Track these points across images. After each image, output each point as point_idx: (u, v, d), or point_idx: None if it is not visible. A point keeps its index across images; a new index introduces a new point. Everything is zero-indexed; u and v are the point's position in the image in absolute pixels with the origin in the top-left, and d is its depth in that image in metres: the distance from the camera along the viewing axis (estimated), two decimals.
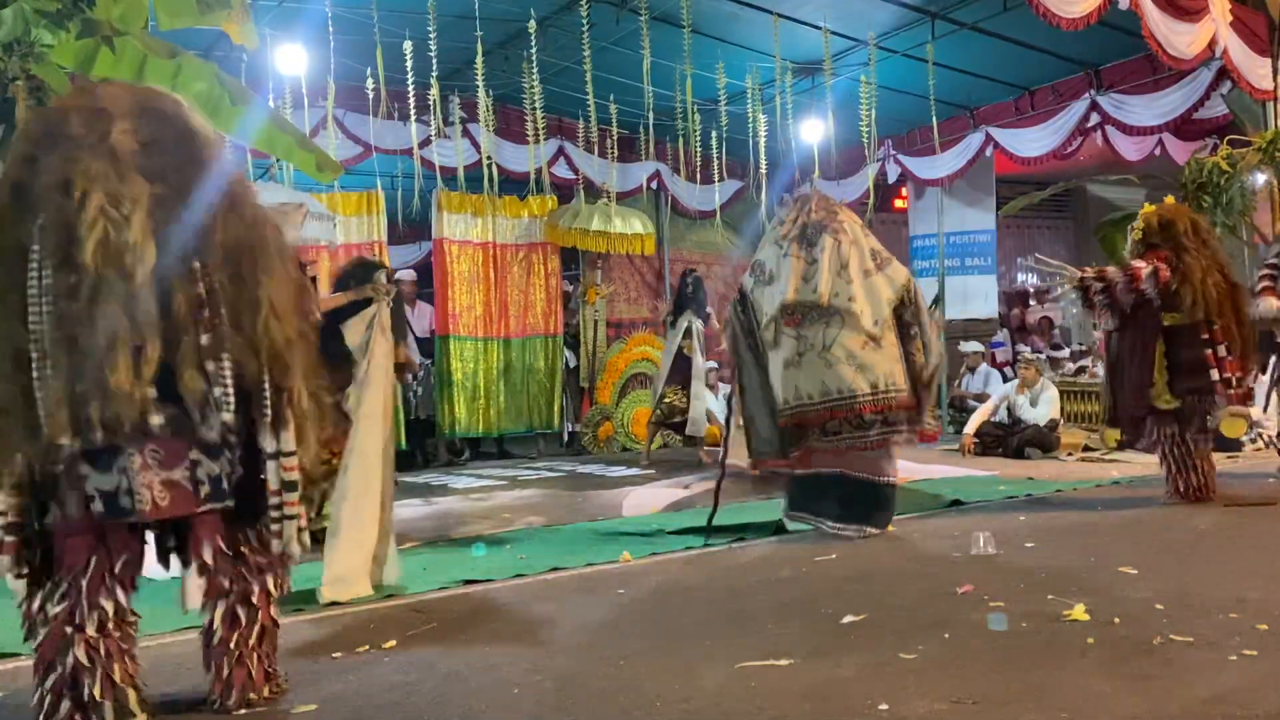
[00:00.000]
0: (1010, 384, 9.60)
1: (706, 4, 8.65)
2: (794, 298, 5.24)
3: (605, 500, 7.31)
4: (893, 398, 5.18)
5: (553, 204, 10.89)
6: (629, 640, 3.51)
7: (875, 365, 5.17)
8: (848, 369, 5.15)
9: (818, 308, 5.21)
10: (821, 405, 5.22)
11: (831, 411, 5.20)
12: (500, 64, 9.00)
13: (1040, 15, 7.35)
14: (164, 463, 2.64)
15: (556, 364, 10.97)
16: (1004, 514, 5.95)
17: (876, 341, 5.19)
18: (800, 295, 5.24)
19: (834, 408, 5.19)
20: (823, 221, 5.40)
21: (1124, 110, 9.66)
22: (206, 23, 4.93)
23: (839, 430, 5.23)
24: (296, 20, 7.90)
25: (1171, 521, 5.47)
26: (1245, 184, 8.60)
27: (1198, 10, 8.03)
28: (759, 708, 2.76)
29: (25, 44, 3.95)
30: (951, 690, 2.82)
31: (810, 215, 5.45)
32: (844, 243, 5.34)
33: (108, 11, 4.33)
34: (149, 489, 2.61)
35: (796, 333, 5.26)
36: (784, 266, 5.34)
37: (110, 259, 2.49)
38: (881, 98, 9.13)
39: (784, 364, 5.30)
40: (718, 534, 5.43)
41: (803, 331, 5.25)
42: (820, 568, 4.64)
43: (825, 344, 5.19)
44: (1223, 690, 2.74)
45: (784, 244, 5.42)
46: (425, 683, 3.10)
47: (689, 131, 9.38)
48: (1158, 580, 4.05)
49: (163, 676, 3.25)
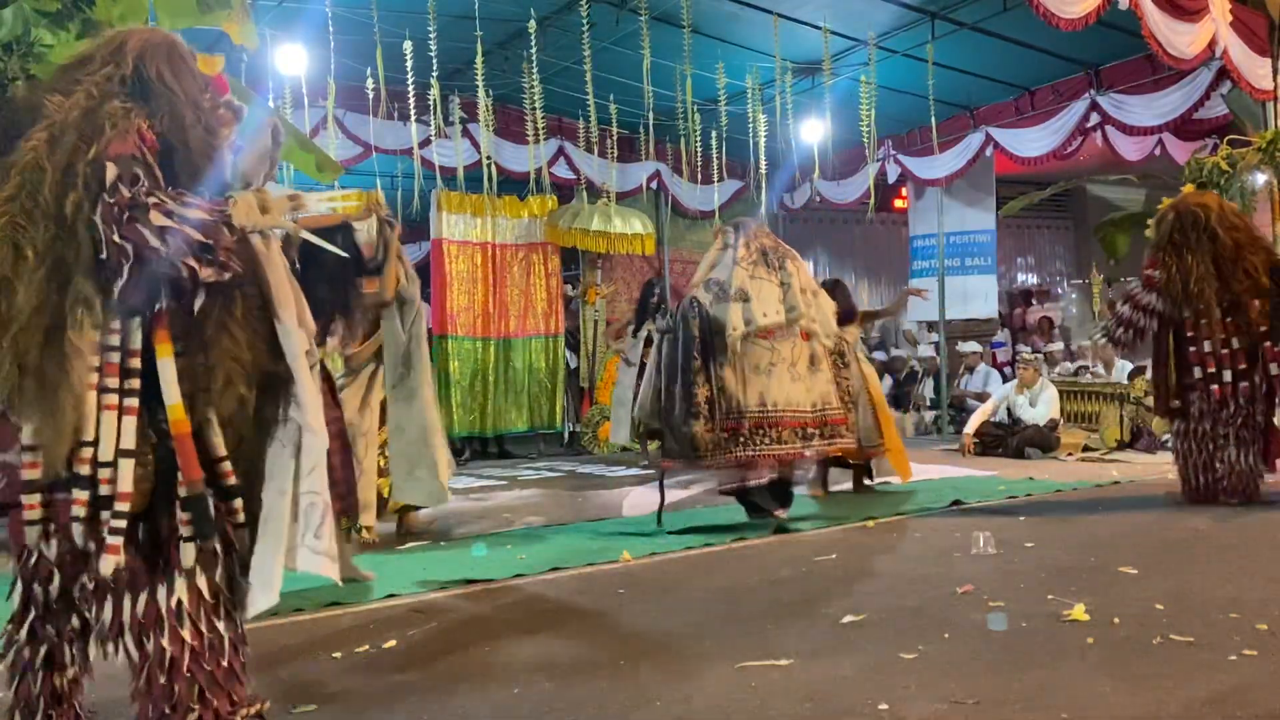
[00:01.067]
0: (1010, 384, 9.60)
1: (706, 4, 8.65)
2: (777, 318, 5.72)
3: (605, 500, 7.32)
4: (832, 414, 5.86)
5: (553, 204, 10.89)
6: (629, 640, 3.51)
7: (815, 386, 5.82)
8: (804, 384, 5.75)
9: (793, 325, 5.77)
10: (786, 413, 5.67)
11: (792, 420, 5.69)
12: (500, 64, 9.00)
13: (1040, 15, 7.34)
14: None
15: (557, 364, 10.96)
16: (1004, 514, 5.95)
17: (819, 362, 5.89)
18: (780, 315, 5.74)
19: (794, 418, 5.70)
20: (777, 248, 5.99)
21: (1124, 110, 9.65)
22: (206, 23, 4.92)
23: (785, 439, 5.67)
24: (296, 20, 7.90)
25: (1171, 521, 5.47)
26: (1245, 184, 8.59)
27: (1198, 10, 8.03)
28: (759, 708, 2.76)
29: (25, 44, 3.94)
30: (951, 690, 2.82)
31: (761, 241, 5.97)
32: (801, 269, 6.04)
33: (108, 11, 4.32)
34: None
35: (771, 345, 5.69)
36: (760, 289, 5.75)
37: None
38: (881, 98, 9.12)
39: (754, 370, 5.64)
40: (715, 534, 5.45)
41: (776, 344, 5.70)
42: (820, 568, 4.64)
43: (793, 359, 5.75)
44: (1223, 690, 2.74)
45: (749, 267, 5.81)
46: (425, 683, 3.10)
47: (689, 131, 9.37)
48: (1158, 580, 4.05)
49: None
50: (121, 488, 2.31)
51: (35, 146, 2.32)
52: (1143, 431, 8.88)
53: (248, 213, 2.37)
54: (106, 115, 2.37)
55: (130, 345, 2.34)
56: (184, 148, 2.43)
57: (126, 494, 2.32)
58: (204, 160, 2.43)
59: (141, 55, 2.50)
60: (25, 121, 2.42)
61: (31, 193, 2.28)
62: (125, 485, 2.32)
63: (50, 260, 2.26)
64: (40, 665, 2.54)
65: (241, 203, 2.37)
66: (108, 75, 2.46)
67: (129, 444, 2.32)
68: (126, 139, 2.36)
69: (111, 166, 2.29)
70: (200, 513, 2.38)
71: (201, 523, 2.38)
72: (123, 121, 2.37)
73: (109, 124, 2.36)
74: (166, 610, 2.39)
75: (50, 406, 2.23)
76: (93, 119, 2.36)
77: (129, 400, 2.33)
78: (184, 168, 2.40)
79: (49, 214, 2.27)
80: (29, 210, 2.27)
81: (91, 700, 2.64)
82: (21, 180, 2.29)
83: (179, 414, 2.34)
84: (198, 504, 2.37)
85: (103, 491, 2.31)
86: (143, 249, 2.22)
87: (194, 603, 2.40)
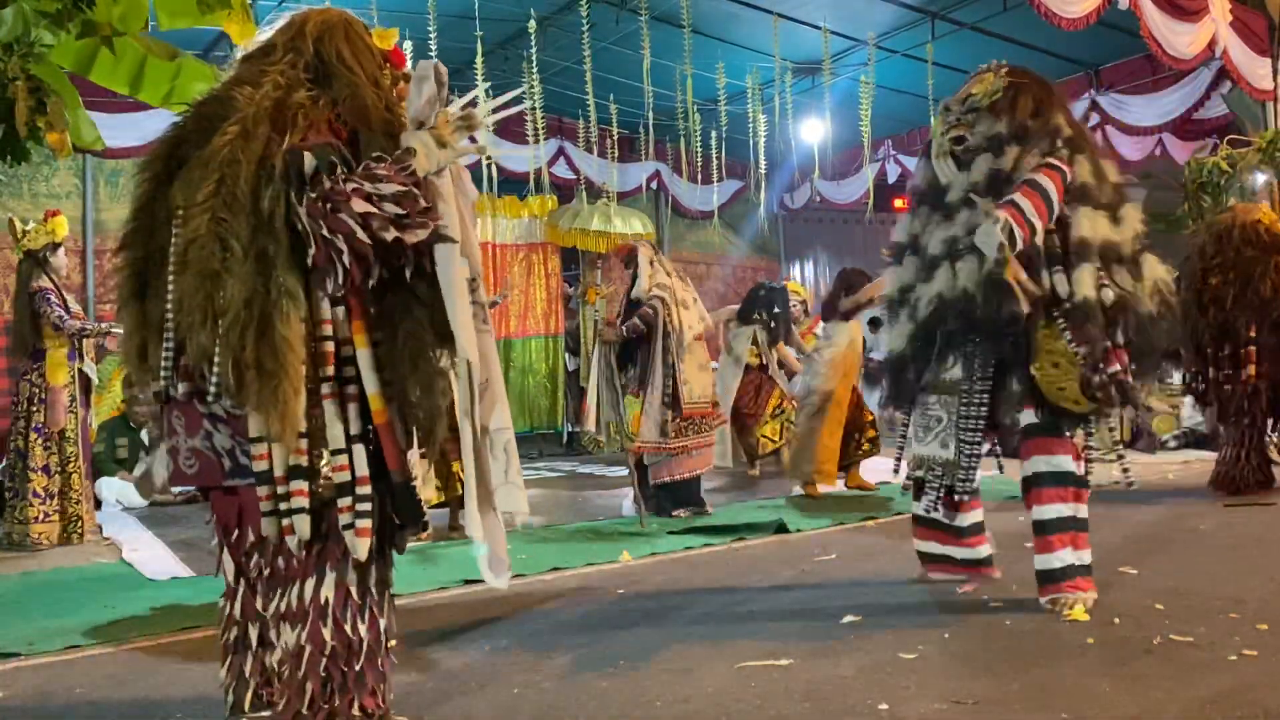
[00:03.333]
0: None
1: (706, 4, 8.65)
2: (706, 322, 6.64)
3: (605, 500, 7.31)
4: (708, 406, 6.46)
5: (553, 204, 10.89)
6: (629, 640, 3.50)
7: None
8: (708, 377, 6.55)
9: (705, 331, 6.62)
10: (709, 404, 6.40)
11: (713, 410, 6.46)
12: (500, 64, 9.00)
13: (1041, 15, 7.35)
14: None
15: (557, 364, 10.96)
16: (1004, 514, 5.94)
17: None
18: (708, 319, 6.75)
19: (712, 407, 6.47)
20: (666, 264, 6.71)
21: (1124, 110, 9.66)
22: (206, 23, 4.91)
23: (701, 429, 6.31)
24: None
25: (1171, 521, 5.47)
26: (1245, 184, 8.59)
27: (1197, 10, 8.03)
28: (759, 708, 2.76)
29: (25, 44, 3.94)
30: (951, 690, 2.82)
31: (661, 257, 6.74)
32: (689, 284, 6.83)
33: (108, 12, 4.32)
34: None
35: (703, 345, 6.49)
36: (692, 296, 6.52)
37: None
38: (881, 98, 9.13)
39: (698, 368, 6.35)
40: (715, 534, 5.45)
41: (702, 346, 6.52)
42: (820, 568, 4.64)
43: (705, 360, 6.49)
44: (1223, 690, 2.74)
45: (678, 278, 6.54)
46: (425, 683, 3.09)
47: (689, 131, 9.37)
48: (1158, 580, 4.06)
49: (163, 676, 3.25)
50: (359, 471, 2.35)
51: (230, 140, 2.31)
52: (1143, 431, 8.87)
53: (428, 156, 2.38)
54: (296, 105, 2.38)
55: (339, 334, 2.36)
56: (367, 129, 2.43)
57: (364, 477, 2.35)
58: (387, 139, 2.43)
59: (320, 38, 2.51)
60: (218, 116, 2.40)
61: (230, 187, 2.27)
62: (361, 469, 2.35)
63: (254, 252, 2.26)
64: (254, 644, 2.56)
65: (420, 150, 2.37)
66: (291, 62, 2.47)
67: (356, 430, 2.36)
68: (319, 129, 2.37)
69: (309, 158, 2.30)
70: (409, 501, 2.41)
71: (411, 510, 2.43)
72: (312, 112, 2.39)
73: (300, 115, 2.36)
74: (313, 604, 2.38)
75: (273, 399, 2.23)
76: (283, 110, 2.36)
77: (349, 388, 2.36)
78: (368, 149, 2.40)
79: (247, 207, 2.27)
80: (229, 204, 2.27)
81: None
82: (221, 175, 2.28)
83: (379, 403, 2.37)
84: (405, 492, 2.40)
85: (338, 479, 2.34)
86: (351, 239, 2.23)
87: (340, 601, 2.39)
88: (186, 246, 2.29)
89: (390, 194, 2.27)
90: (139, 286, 2.47)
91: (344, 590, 2.39)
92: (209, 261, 2.25)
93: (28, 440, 5.93)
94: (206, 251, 2.26)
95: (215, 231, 2.26)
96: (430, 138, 2.39)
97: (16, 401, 5.99)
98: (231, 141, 2.31)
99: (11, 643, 3.67)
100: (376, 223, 2.24)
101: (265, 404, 2.23)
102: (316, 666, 2.36)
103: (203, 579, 4.78)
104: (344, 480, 2.34)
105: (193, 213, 2.29)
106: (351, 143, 2.42)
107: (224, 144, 2.31)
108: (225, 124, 2.34)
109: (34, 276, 5.96)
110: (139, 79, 4.66)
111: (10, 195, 8.62)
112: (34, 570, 5.21)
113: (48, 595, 4.61)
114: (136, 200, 2.51)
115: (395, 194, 2.28)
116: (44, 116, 4.03)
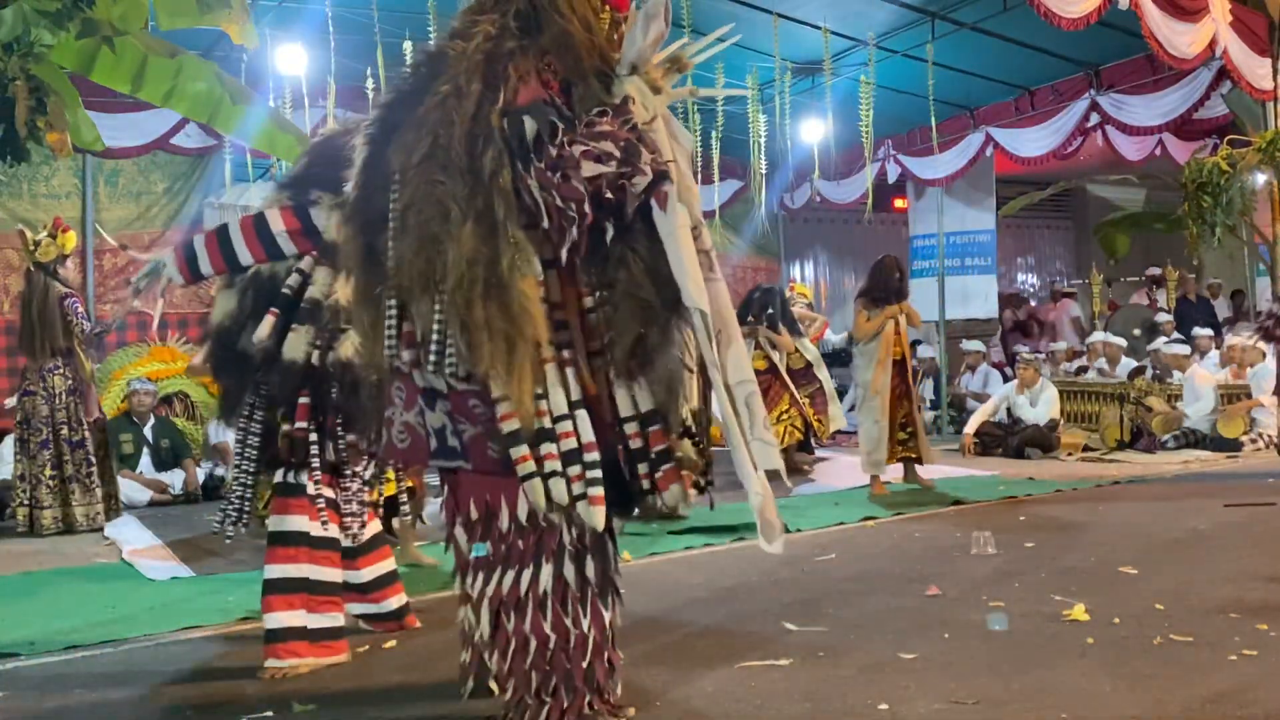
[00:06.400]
0: (1010, 384, 9.59)
1: (706, 4, 8.64)
2: None
3: None
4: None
5: None
6: (629, 640, 3.50)
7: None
8: None
9: None
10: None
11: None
12: None
13: (1041, 15, 7.34)
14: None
15: None
16: (1004, 514, 5.95)
17: None
18: None
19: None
20: None
21: (1124, 110, 9.65)
22: (206, 23, 4.92)
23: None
24: (296, 20, 7.89)
25: (1171, 521, 5.47)
26: (1245, 184, 8.59)
27: (1198, 10, 8.02)
28: (759, 708, 2.76)
29: (25, 44, 3.94)
30: (951, 690, 2.82)
31: None
32: None
33: (108, 11, 4.32)
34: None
35: None
36: None
37: None
38: (881, 98, 9.12)
39: None
40: (715, 534, 5.44)
41: None
42: (820, 568, 4.64)
43: None
44: (1223, 690, 2.74)
45: None
46: (425, 683, 3.09)
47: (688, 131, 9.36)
48: (1158, 580, 4.06)
49: (164, 676, 3.25)
50: (585, 438, 2.26)
51: (443, 100, 2.24)
52: (1143, 431, 8.87)
53: (645, 103, 2.30)
54: (505, 56, 2.28)
55: (552, 297, 2.28)
56: (579, 77, 2.33)
57: (591, 443, 2.26)
58: (603, 90, 2.33)
59: None
60: (432, 73, 2.33)
61: (445, 147, 2.20)
62: (587, 435, 2.26)
63: (474, 214, 2.19)
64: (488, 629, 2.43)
65: (638, 99, 2.29)
66: (502, 11, 2.36)
67: (577, 395, 2.27)
68: (530, 83, 2.27)
69: (529, 121, 2.21)
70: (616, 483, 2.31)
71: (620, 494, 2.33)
72: (523, 63, 2.29)
73: (511, 67, 2.27)
74: (530, 594, 2.31)
75: (509, 360, 2.16)
76: (493, 62, 2.28)
77: (566, 352, 2.29)
78: (584, 102, 2.31)
79: (463, 168, 2.20)
80: (445, 166, 2.21)
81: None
82: (435, 137, 2.22)
83: (586, 376, 2.31)
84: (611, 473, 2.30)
85: (565, 446, 2.24)
86: (583, 205, 2.16)
87: (559, 592, 2.32)
88: (404, 210, 2.23)
89: (617, 151, 2.19)
90: (366, 253, 2.39)
91: (562, 582, 2.31)
92: (429, 225, 2.20)
93: (70, 428, 6.30)
94: (425, 215, 2.20)
95: (432, 194, 2.20)
96: (644, 84, 2.30)
97: (50, 395, 6.28)
98: (443, 101, 2.24)
99: (11, 643, 3.68)
100: (606, 183, 2.17)
101: (499, 365, 2.16)
102: (540, 658, 2.29)
103: (203, 579, 4.79)
104: (571, 448, 2.24)
105: (409, 176, 2.23)
106: (564, 90, 2.32)
107: (436, 104, 2.24)
108: (437, 83, 2.28)
109: (52, 286, 6.33)
110: (140, 77, 4.67)
111: (10, 195, 8.60)
112: (34, 570, 5.21)
113: (48, 595, 4.61)
114: (357, 166, 2.43)
115: (623, 149, 2.20)
116: (44, 116, 4.03)
